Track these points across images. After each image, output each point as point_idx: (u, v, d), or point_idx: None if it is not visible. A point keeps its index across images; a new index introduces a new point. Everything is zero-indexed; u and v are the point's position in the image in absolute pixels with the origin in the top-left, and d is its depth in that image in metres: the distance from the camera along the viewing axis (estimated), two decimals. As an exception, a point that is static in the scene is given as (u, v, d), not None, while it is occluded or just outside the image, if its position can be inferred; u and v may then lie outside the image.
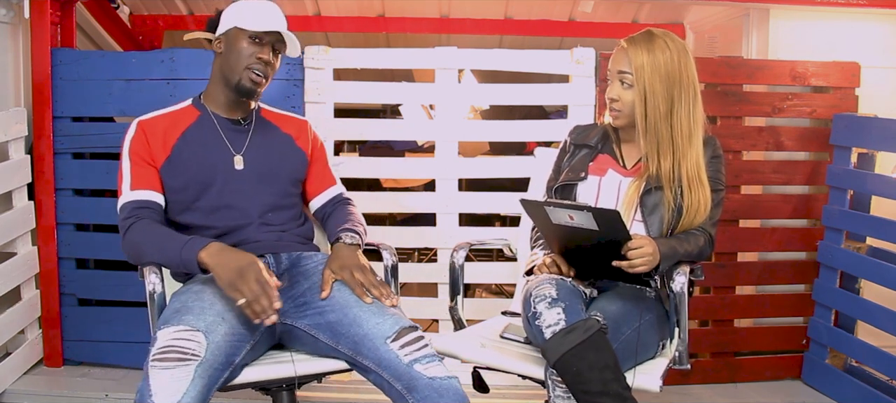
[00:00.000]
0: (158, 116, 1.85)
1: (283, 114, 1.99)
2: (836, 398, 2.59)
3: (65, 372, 2.69)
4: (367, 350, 1.59)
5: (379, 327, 1.60)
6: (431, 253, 3.61)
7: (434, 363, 1.56)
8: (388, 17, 3.88)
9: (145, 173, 1.77)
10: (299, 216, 1.92)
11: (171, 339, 1.48)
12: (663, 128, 1.80)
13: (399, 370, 1.55)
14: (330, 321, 1.66)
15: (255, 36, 1.78)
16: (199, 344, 1.49)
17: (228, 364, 1.54)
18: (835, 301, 2.63)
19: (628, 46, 1.81)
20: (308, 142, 1.96)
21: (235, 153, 1.83)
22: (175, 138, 1.81)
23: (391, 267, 1.94)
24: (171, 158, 1.79)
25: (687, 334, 1.76)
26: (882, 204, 2.52)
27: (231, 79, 1.81)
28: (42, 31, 2.59)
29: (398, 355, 1.56)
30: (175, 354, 1.46)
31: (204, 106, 1.87)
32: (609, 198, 1.87)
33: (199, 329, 1.51)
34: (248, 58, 1.79)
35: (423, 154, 3.95)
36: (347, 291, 1.70)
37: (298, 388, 1.73)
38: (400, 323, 1.61)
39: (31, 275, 2.61)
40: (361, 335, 1.61)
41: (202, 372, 1.46)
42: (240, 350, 1.58)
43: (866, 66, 2.70)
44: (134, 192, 1.75)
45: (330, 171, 2.02)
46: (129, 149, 1.78)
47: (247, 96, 1.83)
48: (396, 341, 1.57)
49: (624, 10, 3.82)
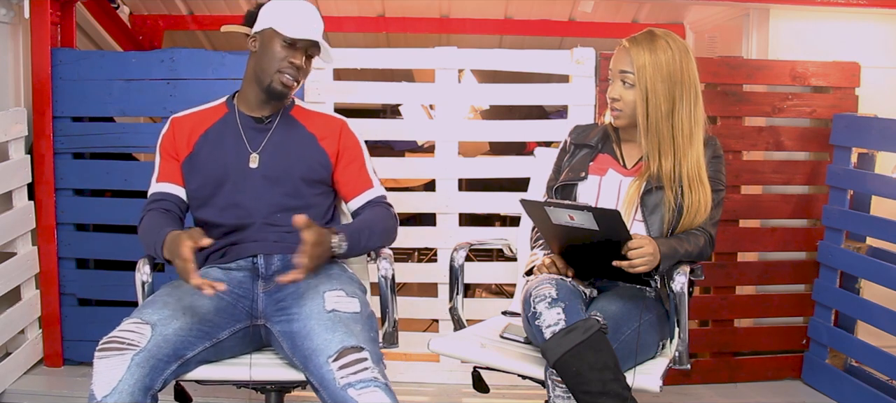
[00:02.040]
0: (191, 114, 1.91)
1: (316, 113, 1.94)
2: (836, 398, 2.59)
3: (65, 372, 2.69)
4: (313, 366, 1.56)
5: (326, 343, 1.55)
6: (431, 253, 3.61)
7: (369, 388, 1.48)
8: (388, 17, 3.89)
9: (170, 167, 1.85)
10: (318, 217, 1.84)
11: (119, 331, 1.55)
12: (664, 127, 1.80)
13: (334, 392, 1.50)
14: (292, 330, 1.64)
15: (291, 41, 1.78)
16: (142, 336, 1.53)
17: (177, 358, 1.57)
18: (835, 301, 2.63)
19: (630, 46, 1.81)
20: (335, 143, 1.89)
21: (252, 151, 1.84)
22: (198, 135, 1.85)
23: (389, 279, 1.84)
24: (192, 155, 1.84)
25: (687, 334, 1.75)
26: (882, 205, 2.52)
27: (263, 80, 1.81)
28: (42, 31, 2.58)
29: (336, 376, 1.50)
30: (115, 344, 1.51)
31: (234, 104, 1.89)
32: (609, 198, 1.87)
33: (148, 321, 1.56)
34: (281, 61, 1.78)
35: (423, 154, 3.95)
36: (317, 300, 1.65)
37: (289, 391, 1.75)
38: (345, 341, 1.54)
39: (31, 275, 2.61)
40: (311, 349, 1.57)
41: (140, 362, 1.50)
42: (194, 345, 1.60)
43: (866, 66, 2.70)
44: (157, 185, 1.85)
45: (367, 173, 1.93)
46: (160, 145, 1.88)
47: (278, 98, 1.83)
48: (337, 360, 1.52)
49: (624, 10, 3.82)
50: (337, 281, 1.74)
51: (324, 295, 1.67)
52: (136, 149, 2.70)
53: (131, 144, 2.67)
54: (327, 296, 1.66)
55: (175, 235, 1.63)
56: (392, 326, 1.85)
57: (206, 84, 2.56)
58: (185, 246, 1.57)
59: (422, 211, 2.77)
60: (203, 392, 1.83)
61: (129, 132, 2.66)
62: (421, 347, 2.56)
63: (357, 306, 1.68)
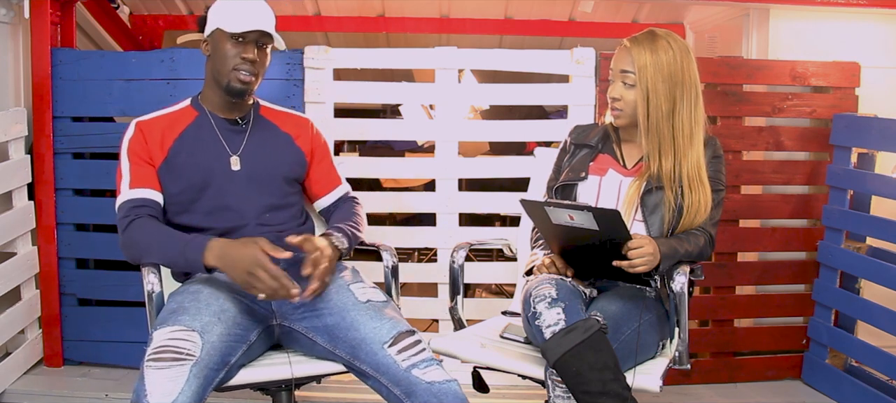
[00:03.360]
0: (157, 117, 1.84)
1: (283, 112, 1.97)
2: (836, 398, 2.59)
3: (65, 372, 2.69)
4: (364, 354, 1.59)
5: (376, 331, 1.60)
6: (431, 253, 3.61)
7: (432, 367, 1.55)
8: (388, 17, 3.88)
9: (144, 172, 1.77)
10: (300, 215, 1.91)
11: (166, 339, 1.49)
12: (665, 128, 1.80)
13: (397, 375, 1.55)
14: (327, 324, 1.65)
15: (237, 36, 1.76)
16: (195, 344, 1.49)
17: (224, 365, 1.54)
18: (835, 301, 2.63)
19: (631, 46, 1.81)
20: (308, 142, 1.94)
21: (232, 154, 1.83)
22: (172, 140, 1.80)
23: (391, 268, 1.93)
24: (169, 160, 1.79)
25: (687, 334, 1.75)
26: (882, 205, 2.52)
27: (220, 81, 1.80)
28: (42, 31, 2.58)
29: (396, 360, 1.56)
30: (170, 354, 1.46)
31: (202, 106, 1.87)
32: (609, 198, 1.87)
33: (194, 329, 1.52)
34: (233, 59, 1.77)
35: (423, 154, 3.95)
36: (346, 293, 1.69)
37: (297, 389, 1.73)
38: (397, 327, 1.61)
39: (31, 275, 2.61)
40: (359, 339, 1.60)
41: (197, 372, 1.46)
42: (236, 350, 1.59)
43: (866, 66, 2.70)
44: (133, 191, 1.75)
45: (335, 171, 2.00)
46: (128, 149, 1.79)
47: (238, 96, 1.82)
48: (393, 346, 1.57)
49: (624, 10, 3.82)
50: (353, 274, 1.79)
51: (350, 287, 1.71)
52: (136, 149, 2.70)
53: (131, 144, 2.66)
54: (354, 289, 1.71)
55: (237, 243, 1.60)
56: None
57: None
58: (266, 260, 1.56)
59: (422, 212, 2.77)
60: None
61: (129, 132, 2.67)
62: (421, 347, 2.56)
63: (382, 295, 1.74)
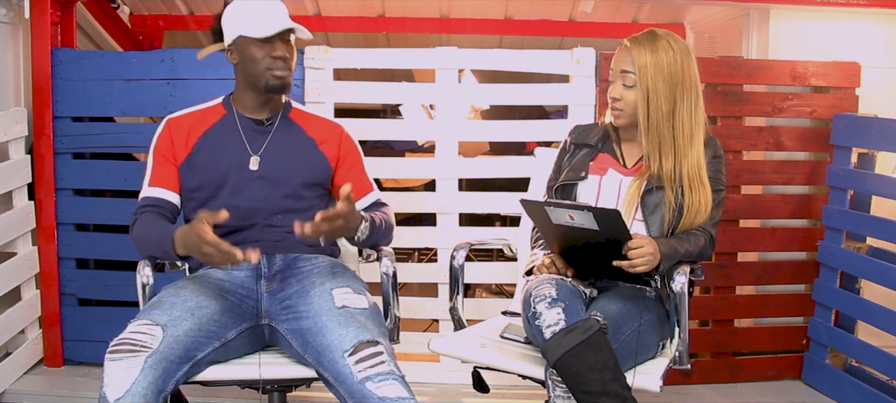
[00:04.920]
0: (187, 114, 1.89)
1: (314, 116, 1.97)
2: (836, 398, 2.59)
3: (65, 372, 2.69)
4: (327, 361, 1.56)
5: (340, 339, 1.56)
6: (431, 253, 3.61)
7: (388, 381, 1.49)
8: (388, 17, 3.88)
9: (165, 171, 1.82)
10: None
11: (129, 332, 1.54)
12: (665, 127, 1.80)
13: (352, 386, 1.50)
14: (302, 328, 1.64)
15: (264, 39, 1.78)
16: (154, 337, 1.52)
17: (188, 359, 1.56)
18: (835, 301, 2.63)
19: (632, 46, 1.81)
20: (335, 147, 1.93)
21: (253, 154, 1.84)
22: (197, 136, 1.84)
23: (391, 276, 1.87)
24: (191, 157, 1.83)
25: (687, 334, 1.75)
26: (882, 205, 2.52)
27: (257, 84, 1.81)
28: (42, 31, 2.58)
29: (353, 370, 1.51)
30: (127, 346, 1.50)
31: (231, 105, 1.89)
32: (610, 198, 1.87)
33: (158, 323, 1.55)
34: (264, 60, 1.79)
35: (423, 154, 3.95)
36: (325, 298, 1.67)
37: (290, 390, 1.75)
38: (360, 336, 1.55)
39: (31, 275, 2.61)
40: (324, 345, 1.57)
41: (154, 364, 1.48)
42: (205, 346, 1.59)
43: (866, 66, 2.70)
44: (150, 189, 1.82)
45: (366, 178, 1.97)
46: (155, 147, 1.85)
47: (280, 92, 1.84)
48: (353, 355, 1.53)
49: (624, 10, 3.82)
50: (342, 279, 1.75)
51: (331, 292, 1.68)
52: (136, 149, 2.70)
53: (131, 144, 2.66)
54: (335, 293, 1.68)
55: (186, 227, 1.61)
56: (393, 323, 1.87)
57: (206, 84, 2.56)
58: (206, 232, 1.55)
59: (422, 212, 2.77)
60: (203, 392, 1.83)
61: (129, 132, 2.66)
62: (421, 347, 2.56)
63: (365, 302, 1.70)
